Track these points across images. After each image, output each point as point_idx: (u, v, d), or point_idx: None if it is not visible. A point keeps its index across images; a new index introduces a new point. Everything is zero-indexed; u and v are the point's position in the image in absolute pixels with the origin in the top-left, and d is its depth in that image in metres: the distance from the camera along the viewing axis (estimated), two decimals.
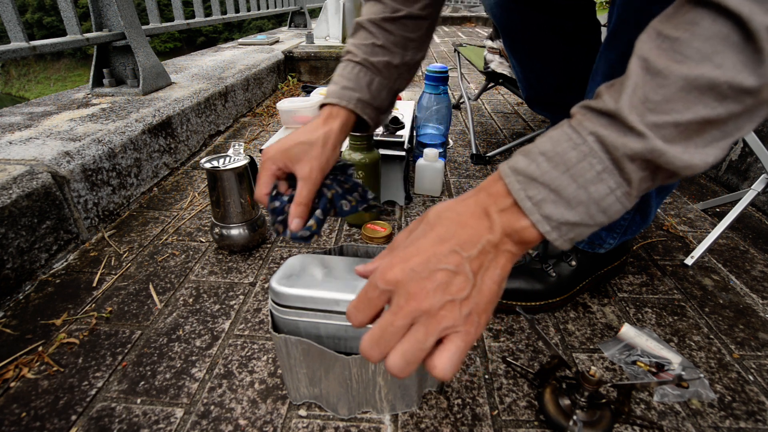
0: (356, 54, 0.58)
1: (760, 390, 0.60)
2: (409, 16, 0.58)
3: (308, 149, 0.52)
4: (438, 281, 0.31)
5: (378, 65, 0.58)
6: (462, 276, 0.31)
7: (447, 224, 0.34)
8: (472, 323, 0.31)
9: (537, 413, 0.56)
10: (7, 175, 0.80)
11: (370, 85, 0.57)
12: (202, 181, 1.22)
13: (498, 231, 0.33)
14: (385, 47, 0.58)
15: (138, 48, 1.36)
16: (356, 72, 0.57)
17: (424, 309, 0.31)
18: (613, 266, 0.78)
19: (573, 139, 0.32)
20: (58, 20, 17.75)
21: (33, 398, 0.58)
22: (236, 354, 0.65)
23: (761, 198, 1.09)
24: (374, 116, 0.59)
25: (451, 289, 0.31)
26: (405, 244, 0.35)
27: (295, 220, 0.52)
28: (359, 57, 0.57)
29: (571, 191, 0.31)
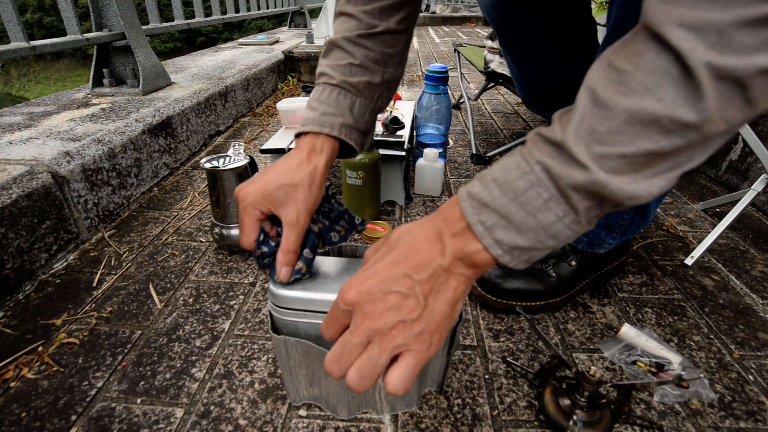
0: (333, 76, 0.53)
1: (760, 390, 0.60)
2: (386, 32, 0.54)
3: (293, 192, 0.47)
4: (390, 303, 0.33)
5: (358, 86, 0.53)
6: (413, 298, 0.33)
7: (403, 248, 0.35)
8: (423, 342, 0.33)
9: (537, 413, 0.56)
10: (7, 175, 0.80)
11: (352, 108, 0.53)
12: (202, 181, 1.22)
13: (449, 255, 0.34)
14: (363, 66, 0.54)
15: (138, 48, 1.36)
16: (335, 95, 0.53)
17: (376, 328, 0.33)
18: (613, 266, 0.78)
19: (522, 168, 0.32)
20: (58, 20, 17.72)
21: (33, 398, 0.58)
22: (236, 354, 0.65)
23: (761, 198, 1.09)
24: (359, 140, 0.55)
25: (403, 310, 0.33)
26: (366, 266, 0.37)
27: (284, 269, 0.48)
28: (337, 79, 0.53)
29: (520, 218, 0.32)
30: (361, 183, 0.92)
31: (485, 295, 0.72)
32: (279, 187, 0.47)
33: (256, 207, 0.48)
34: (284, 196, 0.47)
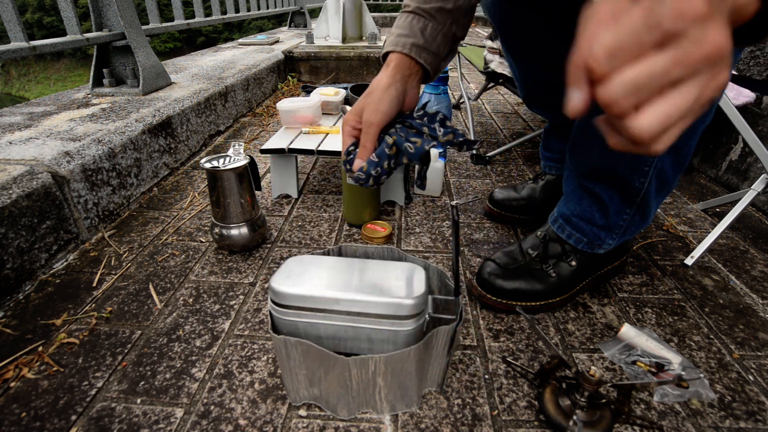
0: (409, 4, 0.61)
1: (760, 390, 0.60)
2: None
3: (369, 99, 0.57)
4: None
5: (430, 11, 0.60)
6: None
7: None
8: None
9: (537, 413, 0.56)
10: (7, 175, 0.80)
11: (424, 30, 0.59)
12: (202, 181, 1.22)
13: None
14: (447, 10, 0.60)
15: (138, 48, 1.36)
16: (410, 20, 0.60)
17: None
18: (613, 266, 0.78)
19: None
20: (58, 20, 17.72)
21: (33, 398, 0.58)
22: (236, 354, 0.65)
23: (761, 198, 1.09)
24: (431, 61, 0.61)
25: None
26: None
27: (356, 161, 0.58)
28: (412, 6, 0.60)
29: None
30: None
31: (485, 294, 0.72)
32: (362, 99, 0.58)
33: (348, 123, 0.59)
34: (364, 105, 0.57)
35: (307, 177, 1.24)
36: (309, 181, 1.21)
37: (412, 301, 0.51)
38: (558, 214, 0.75)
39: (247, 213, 0.86)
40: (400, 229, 0.98)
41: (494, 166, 1.33)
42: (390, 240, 0.94)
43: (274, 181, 1.11)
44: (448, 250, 0.90)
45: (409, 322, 0.52)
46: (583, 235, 0.72)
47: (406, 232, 0.97)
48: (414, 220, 1.01)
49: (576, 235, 0.72)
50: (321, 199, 1.11)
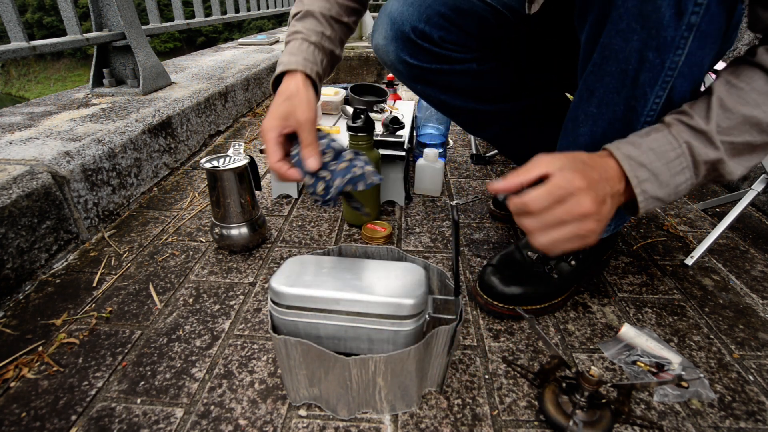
0: (310, 36, 0.69)
1: (760, 390, 0.60)
2: (347, 24, 0.76)
3: (294, 101, 0.61)
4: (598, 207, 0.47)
5: (326, 50, 0.71)
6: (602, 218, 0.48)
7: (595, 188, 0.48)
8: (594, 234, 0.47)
9: (537, 413, 0.56)
10: (7, 175, 0.80)
11: (322, 62, 0.70)
12: (202, 181, 1.22)
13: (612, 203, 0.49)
14: (331, 39, 0.72)
15: (138, 48, 1.36)
16: (312, 50, 0.69)
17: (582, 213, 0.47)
18: (608, 255, 0.78)
19: (672, 144, 0.49)
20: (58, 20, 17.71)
21: (33, 398, 0.58)
22: (236, 354, 0.65)
23: (761, 198, 1.09)
24: (320, 85, 0.71)
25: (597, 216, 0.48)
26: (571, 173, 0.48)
27: (309, 159, 0.58)
28: (314, 39, 0.69)
29: (665, 177, 0.49)
30: None
31: (492, 302, 0.71)
32: (279, 106, 0.61)
33: (273, 130, 0.60)
34: (290, 110, 0.60)
35: None
36: None
37: (412, 301, 0.51)
38: None
39: (247, 213, 0.86)
40: (400, 229, 0.98)
41: (494, 166, 1.34)
42: (390, 240, 0.94)
43: (274, 181, 1.11)
44: (448, 250, 0.90)
45: (409, 322, 0.52)
46: None
47: (406, 232, 0.97)
48: (414, 220, 1.02)
49: None
50: None
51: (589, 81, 0.58)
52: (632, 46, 0.51)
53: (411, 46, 0.75)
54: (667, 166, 0.48)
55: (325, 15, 0.71)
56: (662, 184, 0.49)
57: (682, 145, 0.48)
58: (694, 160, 0.48)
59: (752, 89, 0.46)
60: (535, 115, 0.88)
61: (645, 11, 0.48)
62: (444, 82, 0.80)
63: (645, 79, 0.52)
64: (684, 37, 0.48)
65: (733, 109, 0.47)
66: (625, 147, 0.49)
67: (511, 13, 0.77)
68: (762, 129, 0.47)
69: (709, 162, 0.48)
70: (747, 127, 0.47)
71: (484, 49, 0.78)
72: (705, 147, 0.48)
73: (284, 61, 0.67)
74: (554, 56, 0.80)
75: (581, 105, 0.60)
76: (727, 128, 0.47)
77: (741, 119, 0.47)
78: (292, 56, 0.67)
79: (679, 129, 0.49)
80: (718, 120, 0.47)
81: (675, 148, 0.48)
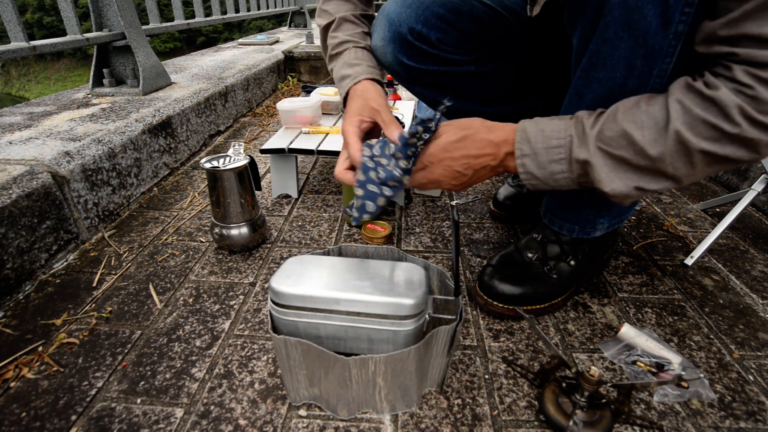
0: (359, 41, 0.73)
1: (760, 390, 0.60)
2: (371, 16, 0.79)
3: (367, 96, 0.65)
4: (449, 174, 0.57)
5: (368, 47, 0.75)
6: (465, 177, 0.57)
7: (473, 143, 0.56)
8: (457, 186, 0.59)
9: (537, 413, 0.56)
10: (7, 175, 0.80)
11: (374, 61, 0.74)
12: (202, 181, 1.22)
13: (497, 161, 0.56)
14: (368, 33, 0.76)
15: (138, 48, 1.36)
16: (367, 54, 0.73)
17: (435, 180, 0.58)
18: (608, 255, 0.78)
19: (561, 133, 0.52)
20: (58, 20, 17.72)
21: (33, 398, 0.58)
22: (236, 354, 0.65)
23: (761, 198, 1.09)
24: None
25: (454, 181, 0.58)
26: (443, 142, 0.57)
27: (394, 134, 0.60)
28: (363, 43, 0.73)
29: (542, 159, 0.53)
30: None
31: (492, 302, 0.71)
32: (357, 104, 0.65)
33: (352, 125, 0.62)
34: (363, 103, 0.64)
35: (307, 177, 1.24)
36: (309, 181, 1.21)
37: (412, 301, 0.51)
38: (546, 207, 0.75)
39: (247, 213, 0.86)
40: (400, 229, 0.98)
41: None
42: (390, 240, 0.94)
43: (274, 181, 1.11)
44: (448, 250, 0.90)
45: (409, 322, 0.52)
46: (573, 223, 0.71)
47: (406, 232, 0.97)
48: (414, 220, 1.02)
49: (567, 225, 0.71)
50: (321, 199, 1.11)
51: (579, 86, 0.59)
52: (620, 53, 0.51)
53: (408, 48, 0.75)
54: (547, 150, 0.52)
55: (356, 15, 0.74)
56: (539, 165, 0.53)
57: (566, 137, 0.51)
58: (569, 155, 0.51)
59: (645, 111, 0.47)
60: (537, 116, 0.87)
61: (632, 20, 0.48)
62: (442, 84, 0.80)
63: (633, 86, 0.52)
64: (672, 45, 0.48)
65: (619, 122, 0.48)
66: (528, 122, 0.54)
67: (511, 14, 0.77)
68: (637, 150, 0.47)
69: (579, 161, 0.51)
70: (624, 143, 0.48)
71: (483, 50, 0.78)
72: (580, 146, 0.50)
73: (349, 73, 0.69)
74: (555, 57, 0.80)
75: (570, 109, 0.60)
76: (607, 137, 0.49)
77: (620, 133, 0.48)
78: (356, 66, 0.70)
79: (574, 124, 0.52)
80: (603, 127, 0.49)
81: (560, 138, 0.52)
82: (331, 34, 0.74)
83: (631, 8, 0.48)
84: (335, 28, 0.73)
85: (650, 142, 0.47)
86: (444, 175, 0.56)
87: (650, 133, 0.46)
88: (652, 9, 0.46)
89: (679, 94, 0.46)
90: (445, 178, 0.57)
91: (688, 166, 0.47)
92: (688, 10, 0.46)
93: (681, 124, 0.45)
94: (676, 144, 0.45)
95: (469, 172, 0.56)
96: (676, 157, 0.46)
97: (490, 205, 1.04)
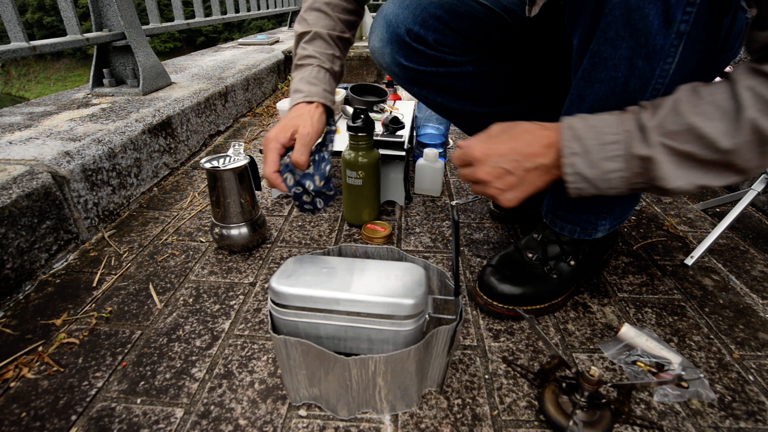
0: (324, 61, 0.73)
1: (760, 390, 0.60)
2: (348, 40, 0.79)
3: (300, 119, 0.67)
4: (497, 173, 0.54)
5: (336, 73, 0.76)
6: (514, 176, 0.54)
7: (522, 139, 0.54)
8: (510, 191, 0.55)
9: (537, 413, 0.56)
10: (7, 175, 0.80)
11: (334, 87, 0.75)
12: (202, 181, 1.22)
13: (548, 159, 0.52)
14: (339, 58, 0.76)
15: (138, 48, 1.36)
16: (328, 77, 0.73)
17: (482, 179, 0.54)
18: (608, 255, 0.78)
19: (614, 128, 0.48)
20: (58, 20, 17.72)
21: (33, 398, 0.58)
22: (236, 354, 0.65)
23: (761, 198, 1.09)
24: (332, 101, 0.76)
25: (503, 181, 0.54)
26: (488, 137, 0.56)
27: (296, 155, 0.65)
28: (327, 66, 0.74)
29: (595, 157, 0.49)
30: (361, 183, 0.92)
31: (492, 302, 0.71)
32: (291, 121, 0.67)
33: (275, 141, 0.66)
34: (295, 123, 0.67)
35: None
36: None
37: (412, 301, 0.51)
38: (547, 208, 0.74)
39: (247, 213, 0.86)
40: (400, 229, 0.98)
41: None
42: (390, 240, 0.94)
43: None
44: (448, 250, 0.90)
45: (409, 322, 0.52)
46: (574, 224, 0.71)
47: (406, 232, 0.97)
48: (414, 220, 1.02)
49: (568, 226, 0.71)
50: None
51: (580, 86, 0.58)
52: (621, 53, 0.51)
53: (406, 49, 0.75)
54: (601, 147, 0.48)
55: (332, 35, 0.74)
56: (592, 163, 0.49)
57: (621, 132, 0.48)
58: (627, 151, 0.47)
59: (710, 101, 0.44)
60: (534, 117, 0.87)
61: (633, 20, 0.48)
62: (440, 85, 0.80)
63: (635, 86, 0.52)
64: (674, 45, 0.48)
65: (683, 115, 0.45)
66: (574, 119, 0.51)
67: (509, 15, 0.77)
68: (706, 144, 0.44)
69: (639, 157, 0.47)
70: (692, 137, 0.45)
71: (481, 51, 0.78)
72: (641, 141, 0.47)
73: (304, 89, 0.70)
74: (553, 58, 0.80)
75: (572, 110, 0.60)
76: (671, 132, 0.45)
77: (687, 127, 0.45)
78: (312, 86, 0.70)
79: (627, 118, 0.48)
80: (663, 120, 0.46)
81: (615, 133, 0.48)
82: (303, 44, 0.74)
83: (632, 8, 0.48)
84: (308, 40, 0.74)
85: (722, 134, 0.43)
86: (491, 173, 0.52)
87: (721, 125, 0.43)
88: (653, 8, 0.46)
89: (748, 80, 0.42)
90: (492, 177, 0.52)
91: (760, 156, 0.44)
92: (690, 9, 0.46)
93: (756, 111, 0.41)
94: (752, 134, 0.42)
95: (519, 172, 0.52)
96: (750, 147, 0.43)
97: (490, 205, 1.04)
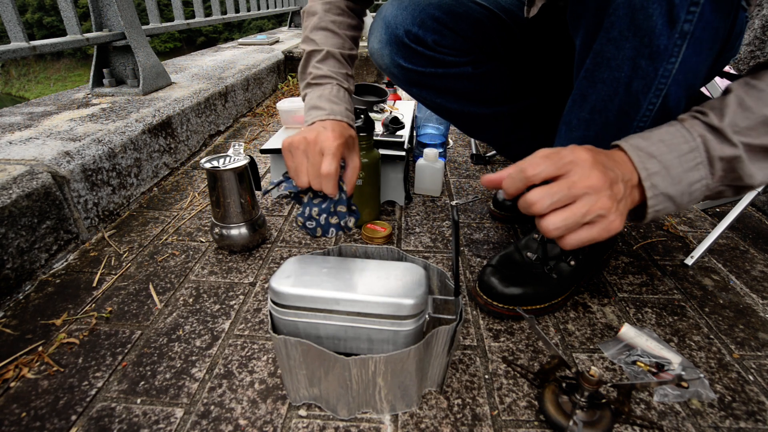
0: (342, 82, 0.72)
1: (760, 390, 0.60)
2: (356, 57, 0.78)
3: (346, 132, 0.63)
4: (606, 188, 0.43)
5: (350, 90, 0.74)
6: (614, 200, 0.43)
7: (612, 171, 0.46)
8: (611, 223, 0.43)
9: (537, 413, 0.56)
10: (7, 175, 0.80)
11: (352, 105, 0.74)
12: (202, 181, 1.22)
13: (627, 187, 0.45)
14: (351, 76, 0.75)
15: (138, 48, 1.36)
16: (347, 97, 0.72)
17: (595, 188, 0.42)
18: (608, 254, 0.78)
19: (686, 136, 0.45)
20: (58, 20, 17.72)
21: (33, 398, 0.58)
22: (236, 354, 0.65)
23: (761, 198, 1.09)
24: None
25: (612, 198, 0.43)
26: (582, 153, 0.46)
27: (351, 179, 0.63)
28: (345, 85, 0.72)
29: (676, 172, 0.45)
30: (361, 183, 0.92)
31: (492, 302, 0.71)
32: (343, 131, 0.62)
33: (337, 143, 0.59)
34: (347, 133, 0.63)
35: None
36: None
37: (412, 301, 0.51)
38: None
39: (247, 213, 0.86)
40: (400, 229, 0.98)
41: (494, 166, 1.34)
42: (390, 240, 0.94)
43: (274, 181, 1.11)
44: (448, 250, 0.90)
45: (409, 322, 0.52)
46: None
47: (406, 232, 0.97)
48: (414, 220, 1.02)
49: None
50: None
51: (582, 86, 0.58)
52: (624, 54, 0.51)
53: (405, 50, 0.75)
54: (679, 159, 0.44)
55: (344, 54, 0.74)
56: (674, 179, 0.45)
57: (696, 138, 0.45)
58: (708, 156, 0.44)
59: None
60: (534, 117, 0.87)
61: (637, 19, 0.48)
62: (439, 86, 0.80)
63: (638, 87, 0.52)
64: (677, 44, 0.48)
65: (753, 109, 0.44)
66: (634, 139, 0.47)
67: (507, 16, 0.77)
68: None
69: (725, 159, 0.44)
70: (766, 129, 0.44)
71: (480, 52, 0.78)
72: (720, 143, 0.44)
73: (326, 107, 0.67)
74: (552, 58, 0.80)
75: (574, 110, 0.60)
76: (745, 128, 0.44)
77: (761, 120, 0.43)
78: (334, 105, 0.68)
79: (692, 123, 0.46)
80: (734, 118, 0.44)
81: (688, 141, 0.45)
82: (316, 64, 0.72)
83: (636, 8, 0.48)
84: (321, 59, 0.72)
85: None
86: (601, 179, 0.41)
87: None
88: (657, 8, 0.46)
89: None
90: (602, 183, 0.41)
91: None
92: (694, 9, 0.46)
93: None
94: None
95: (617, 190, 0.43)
96: None
97: (490, 205, 1.04)
